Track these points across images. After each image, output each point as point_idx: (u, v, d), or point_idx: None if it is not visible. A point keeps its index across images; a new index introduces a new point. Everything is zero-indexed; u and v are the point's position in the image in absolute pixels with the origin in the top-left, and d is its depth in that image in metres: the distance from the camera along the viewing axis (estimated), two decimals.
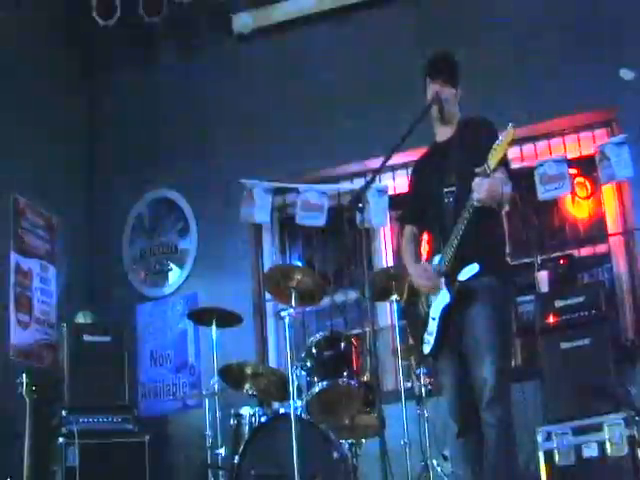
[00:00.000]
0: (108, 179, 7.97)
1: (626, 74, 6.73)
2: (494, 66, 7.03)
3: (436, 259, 4.62)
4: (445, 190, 4.63)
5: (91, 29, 7.88)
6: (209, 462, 6.10)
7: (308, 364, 5.74)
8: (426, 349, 4.66)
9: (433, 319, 4.60)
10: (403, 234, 5.00)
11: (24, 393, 5.89)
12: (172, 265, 7.65)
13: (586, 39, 6.89)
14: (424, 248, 4.92)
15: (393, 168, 7.08)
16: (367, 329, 6.18)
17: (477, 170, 4.37)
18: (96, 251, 7.83)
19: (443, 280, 4.55)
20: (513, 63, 7.06)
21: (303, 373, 5.74)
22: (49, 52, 7.73)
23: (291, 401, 5.50)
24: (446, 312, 4.54)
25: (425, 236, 4.93)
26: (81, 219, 7.82)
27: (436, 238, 4.71)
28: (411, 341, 5.53)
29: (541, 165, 6.77)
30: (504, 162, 4.49)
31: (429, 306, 4.64)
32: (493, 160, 4.33)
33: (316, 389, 5.62)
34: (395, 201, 7.10)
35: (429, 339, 4.63)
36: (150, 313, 7.57)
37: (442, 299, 4.56)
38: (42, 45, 7.65)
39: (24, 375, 5.94)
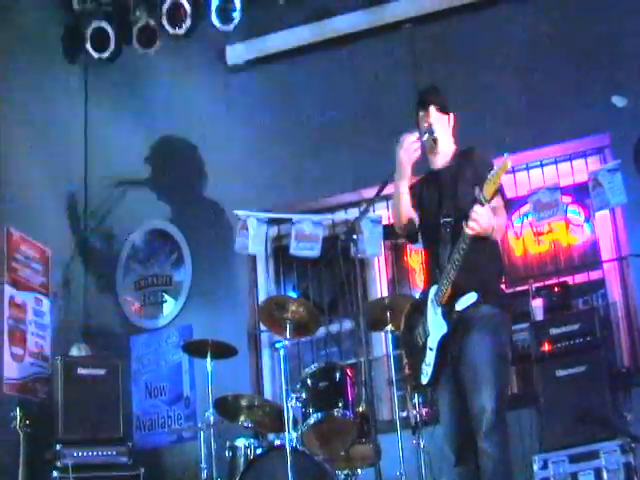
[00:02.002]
0: (103, 211, 7.95)
1: (618, 101, 6.76)
2: (487, 95, 7.08)
3: (433, 289, 4.62)
4: (442, 221, 4.64)
5: (87, 60, 7.98)
6: None
7: (303, 395, 5.72)
8: (424, 380, 4.65)
9: (430, 349, 4.60)
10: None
11: (18, 427, 5.91)
12: (167, 297, 7.64)
13: (578, 67, 6.93)
14: (420, 277, 4.91)
15: (387, 198, 7.04)
16: (362, 359, 6.16)
17: (475, 197, 4.36)
18: (90, 283, 7.83)
19: (440, 310, 4.55)
20: (506, 92, 7.10)
21: (298, 404, 5.71)
22: (43, 83, 7.72)
23: (286, 433, 5.48)
24: (443, 342, 4.54)
25: (422, 265, 4.93)
26: (75, 251, 7.81)
27: (433, 268, 4.71)
28: (407, 370, 5.52)
29: (535, 193, 6.78)
30: (500, 190, 4.49)
31: (426, 336, 4.62)
32: (488, 190, 4.33)
33: (311, 420, 5.59)
34: (389, 231, 7.10)
35: (427, 370, 4.62)
36: (145, 345, 7.55)
37: (439, 329, 4.56)
38: (36, 76, 7.66)
39: (18, 409, 5.95)
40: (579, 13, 7.01)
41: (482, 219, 4.37)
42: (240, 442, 5.90)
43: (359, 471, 5.79)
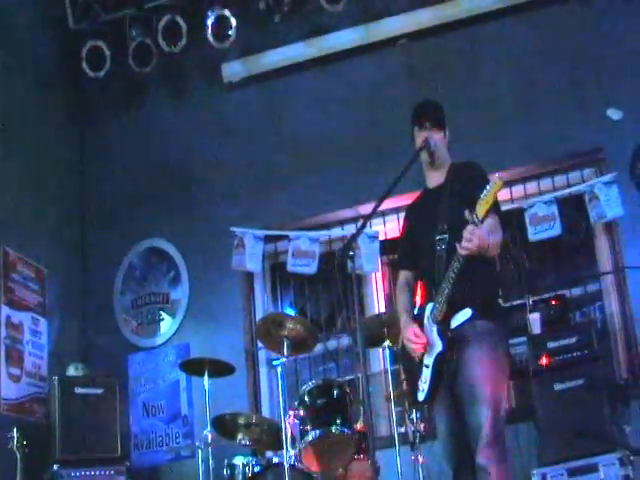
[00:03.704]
0: (99, 229, 7.96)
1: (614, 114, 6.78)
2: (484, 110, 7.10)
3: (429, 307, 4.62)
4: (437, 238, 4.64)
5: (81, 80, 7.95)
6: None
7: (301, 412, 5.67)
8: (421, 397, 4.65)
9: (427, 367, 4.60)
10: (398, 280, 5.00)
11: (15, 448, 5.87)
12: (164, 315, 7.63)
13: (573, 81, 6.97)
14: (418, 294, 4.91)
15: (383, 213, 7.08)
16: (360, 375, 6.15)
17: (467, 218, 4.37)
18: (87, 302, 7.81)
19: (435, 328, 4.55)
20: (502, 106, 7.13)
21: (296, 421, 5.68)
22: (38, 103, 7.75)
23: (284, 450, 5.46)
24: (439, 360, 4.54)
25: (420, 281, 4.92)
26: (72, 270, 7.79)
27: (429, 286, 4.70)
28: (404, 387, 5.51)
29: (531, 206, 6.79)
30: (494, 207, 4.48)
31: (423, 353, 4.62)
32: (481, 210, 4.33)
33: (309, 437, 5.54)
34: (386, 246, 7.11)
35: (423, 387, 4.62)
36: (142, 363, 7.53)
37: (435, 347, 4.56)
38: (31, 96, 7.68)
39: (15, 429, 5.92)
40: (573, 27, 7.04)
41: (475, 240, 4.36)
42: (238, 460, 5.85)
43: None
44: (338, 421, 5.59)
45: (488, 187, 4.32)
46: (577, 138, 6.83)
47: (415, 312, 4.75)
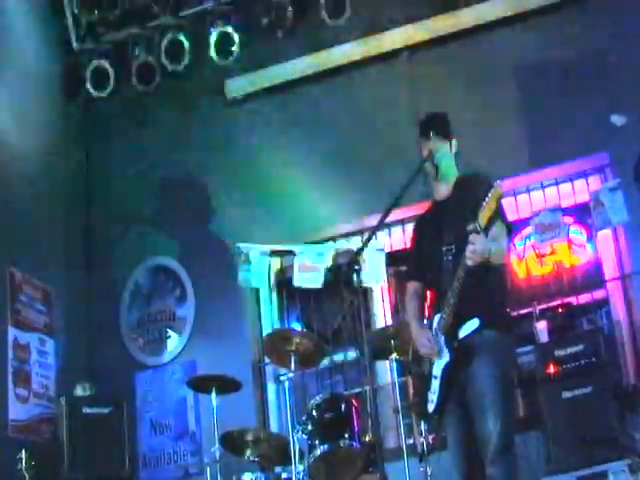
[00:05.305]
0: (105, 248, 7.97)
1: (617, 120, 6.76)
2: (487, 118, 7.08)
3: (436, 318, 4.62)
4: (444, 249, 4.64)
5: (86, 99, 7.99)
6: None
7: (309, 427, 5.68)
8: (430, 407, 4.64)
9: (435, 378, 4.60)
10: (407, 291, 4.99)
11: (23, 469, 5.84)
12: (170, 332, 7.62)
13: (576, 87, 6.94)
14: (427, 304, 4.91)
15: (389, 225, 7.07)
16: (367, 388, 6.13)
17: (469, 228, 4.36)
18: (94, 321, 7.79)
19: (443, 339, 4.55)
20: (505, 115, 7.12)
21: (304, 436, 5.67)
22: (42, 123, 7.77)
23: (293, 465, 5.47)
24: (447, 371, 4.54)
25: (429, 293, 4.92)
26: (78, 290, 7.78)
27: (437, 296, 4.71)
28: (413, 398, 5.48)
29: (536, 215, 6.78)
30: (500, 215, 4.48)
31: (432, 364, 4.62)
32: (483, 217, 4.32)
33: (318, 452, 5.56)
34: (392, 258, 7.09)
35: (433, 398, 4.62)
36: (149, 381, 7.52)
37: (443, 358, 4.56)
38: (36, 116, 7.70)
39: (23, 451, 5.89)
40: (576, 34, 7.02)
41: (478, 248, 4.35)
42: (247, 477, 5.84)
43: None
44: (346, 435, 5.61)
45: (489, 195, 4.31)
46: (581, 145, 6.81)
47: (424, 323, 4.74)
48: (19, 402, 6.82)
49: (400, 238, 7.14)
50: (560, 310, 6.35)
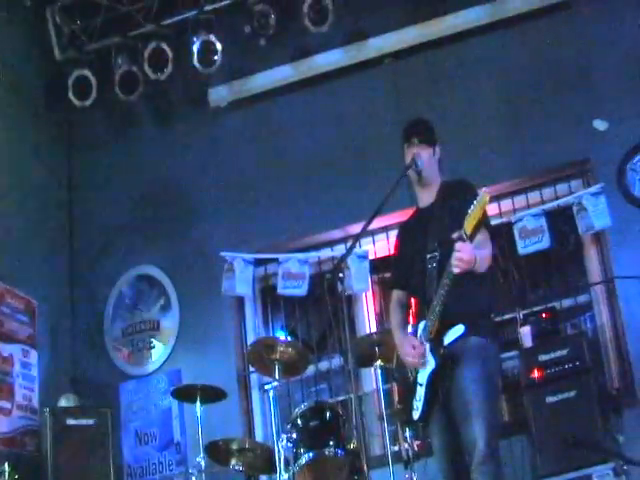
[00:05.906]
0: (87, 258, 7.93)
1: (600, 125, 6.78)
2: (470, 123, 7.10)
3: (421, 325, 4.60)
4: (428, 256, 4.62)
5: (68, 109, 7.94)
6: None
7: (294, 435, 5.66)
8: (415, 415, 4.62)
9: (420, 385, 4.58)
10: (390, 300, 4.97)
11: None
12: (155, 342, 7.58)
13: (559, 93, 6.96)
14: (412, 311, 4.89)
15: (373, 233, 7.06)
16: (352, 395, 6.12)
17: (454, 236, 4.35)
18: (78, 332, 7.76)
19: (428, 346, 4.53)
20: (488, 121, 7.13)
21: (289, 445, 5.64)
22: (24, 133, 7.74)
23: (278, 474, 5.44)
24: (432, 378, 4.53)
25: (412, 300, 4.90)
26: (61, 300, 7.76)
27: (421, 304, 4.68)
28: (398, 405, 5.47)
29: (520, 220, 6.77)
30: (484, 222, 4.47)
31: (417, 372, 4.60)
32: (469, 226, 4.32)
33: (303, 460, 5.53)
34: (376, 265, 7.09)
35: (418, 405, 4.60)
36: (134, 392, 7.47)
37: (428, 365, 4.54)
38: (18, 126, 7.67)
39: (6, 464, 5.88)
40: (557, 41, 7.05)
41: (465, 256, 4.34)
42: None
43: None
44: (331, 443, 5.58)
45: (475, 202, 4.30)
46: (564, 150, 6.82)
47: (409, 330, 4.72)
48: (2, 415, 6.78)
49: (384, 245, 7.13)
50: (544, 315, 6.32)
